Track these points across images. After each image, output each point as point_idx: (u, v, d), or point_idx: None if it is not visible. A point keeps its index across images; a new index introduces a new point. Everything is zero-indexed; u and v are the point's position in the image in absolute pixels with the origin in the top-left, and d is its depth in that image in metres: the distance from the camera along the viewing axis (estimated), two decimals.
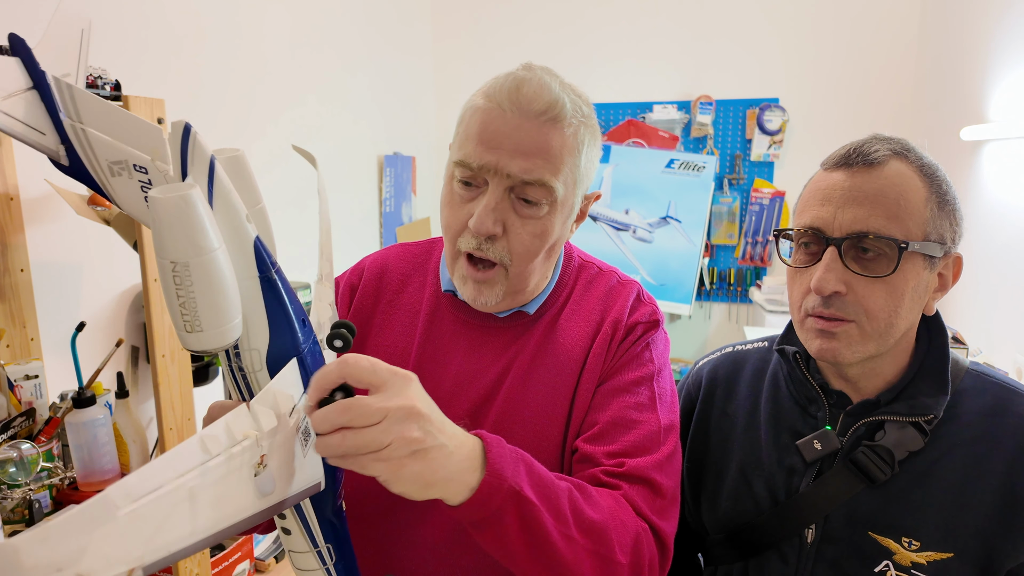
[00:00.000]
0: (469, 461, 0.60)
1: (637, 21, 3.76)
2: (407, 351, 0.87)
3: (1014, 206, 2.36)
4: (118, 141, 0.49)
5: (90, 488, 1.31)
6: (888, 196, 0.78)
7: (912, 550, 0.79)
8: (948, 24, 3.11)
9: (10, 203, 1.42)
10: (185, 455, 0.44)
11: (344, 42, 2.98)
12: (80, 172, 0.50)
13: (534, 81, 0.76)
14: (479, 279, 0.80)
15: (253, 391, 0.57)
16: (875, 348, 0.81)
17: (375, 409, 0.52)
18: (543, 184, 0.76)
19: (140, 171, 0.50)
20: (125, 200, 0.52)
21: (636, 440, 0.77)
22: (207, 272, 0.47)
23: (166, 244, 0.46)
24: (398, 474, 0.55)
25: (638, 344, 0.84)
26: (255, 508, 0.51)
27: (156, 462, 0.42)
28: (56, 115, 0.49)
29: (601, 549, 0.67)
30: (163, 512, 0.41)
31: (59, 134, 0.49)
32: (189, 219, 0.46)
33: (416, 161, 3.73)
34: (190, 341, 0.50)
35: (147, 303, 1.34)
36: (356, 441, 0.52)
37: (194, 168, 0.49)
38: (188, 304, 0.48)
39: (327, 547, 0.63)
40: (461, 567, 0.81)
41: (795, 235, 0.85)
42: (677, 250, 3.10)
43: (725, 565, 0.94)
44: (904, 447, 0.81)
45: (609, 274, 0.91)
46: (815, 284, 0.79)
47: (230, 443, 0.47)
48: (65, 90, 0.49)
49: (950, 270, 0.84)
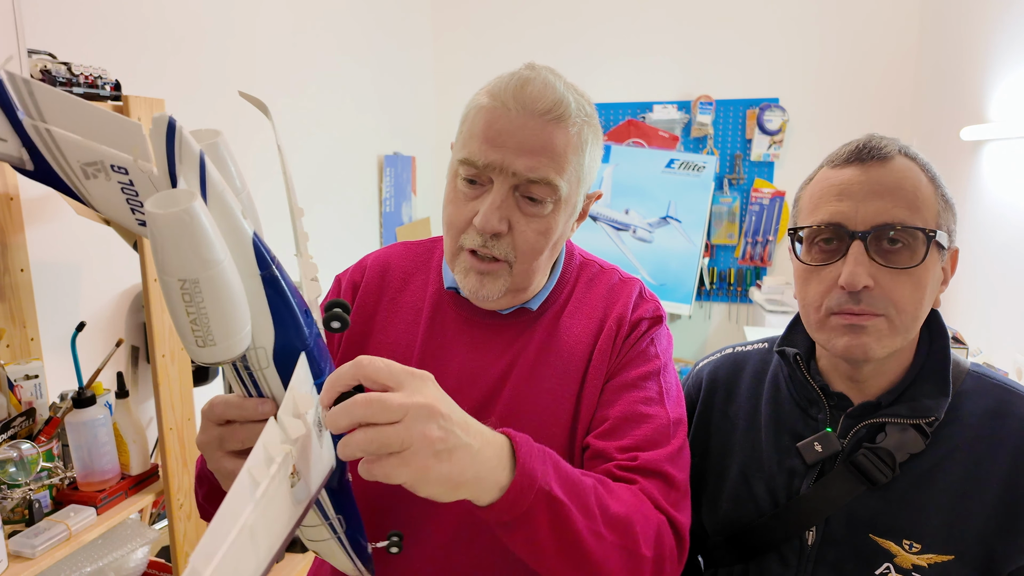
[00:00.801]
0: (497, 460, 0.59)
1: (637, 20, 3.76)
2: (410, 348, 0.87)
3: (1014, 206, 2.36)
4: (90, 140, 0.45)
5: (90, 488, 1.31)
6: (906, 188, 0.78)
7: (913, 552, 0.79)
8: (948, 24, 3.11)
9: (10, 203, 1.41)
10: (240, 495, 0.43)
11: (344, 42, 2.98)
12: (49, 176, 0.45)
13: (538, 80, 0.77)
14: (482, 270, 0.80)
15: (261, 388, 0.56)
16: (901, 341, 0.80)
17: (396, 405, 0.51)
18: (548, 182, 0.77)
19: (119, 171, 0.45)
20: (104, 204, 0.47)
21: (647, 434, 0.78)
22: (217, 286, 0.44)
23: (171, 262, 0.42)
24: (425, 477, 0.53)
25: (643, 340, 0.85)
26: (294, 517, 0.51)
27: (220, 512, 0.41)
28: (13, 115, 0.43)
29: (627, 543, 0.67)
30: (235, 559, 0.41)
31: (20, 137, 0.44)
32: (194, 233, 0.42)
33: (416, 161, 3.72)
34: (203, 355, 0.47)
35: (147, 303, 1.34)
36: (378, 439, 0.51)
37: (183, 167, 0.45)
38: (200, 320, 0.45)
39: (338, 518, 0.63)
40: (467, 563, 0.81)
41: (811, 232, 0.82)
42: (677, 250, 3.10)
43: (725, 567, 0.94)
44: (905, 449, 0.80)
45: (611, 272, 0.92)
46: (846, 280, 0.77)
47: (269, 466, 0.46)
48: (22, 86, 0.43)
49: (949, 264, 0.85)
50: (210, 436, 0.60)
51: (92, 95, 1.23)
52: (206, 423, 0.61)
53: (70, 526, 1.21)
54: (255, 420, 0.58)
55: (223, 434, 0.60)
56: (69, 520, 1.22)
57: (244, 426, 0.59)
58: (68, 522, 1.22)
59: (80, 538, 1.23)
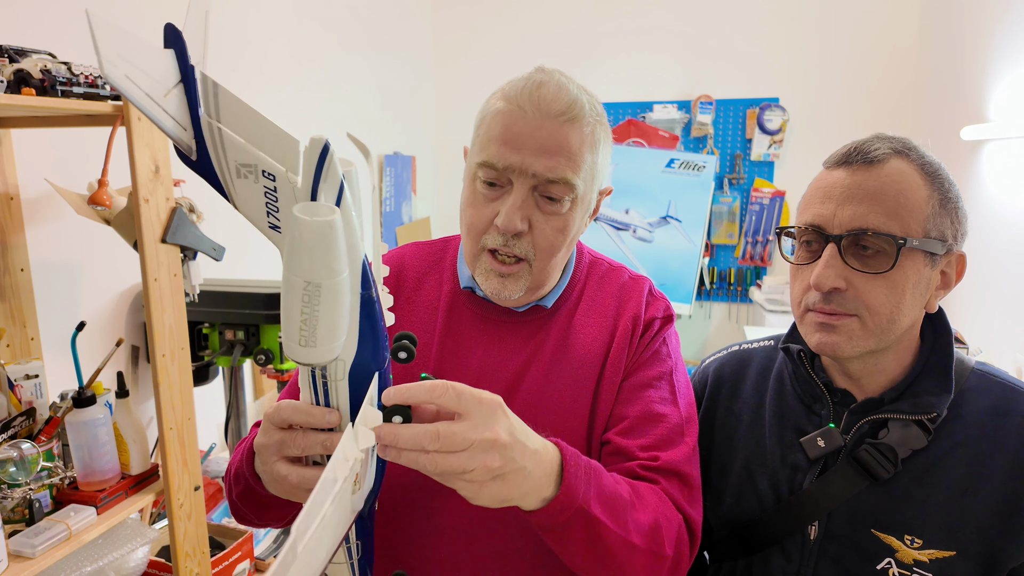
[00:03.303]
0: (546, 477, 0.65)
1: (638, 20, 3.76)
2: (428, 347, 0.89)
3: (1014, 206, 2.36)
4: (252, 145, 0.50)
5: (90, 487, 1.31)
6: (887, 194, 0.79)
7: (914, 548, 0.79)
8: (948, 24, 3.11)
9: (10, 203, 1.41)
10: (325, 487, 0.46)
11: (345, 42, 2.98)
12: (206, 167, 0.50)
13: (552, 83, 0.80)
14: (504, 272, 0.83)
15: (330, 398, 0.59)
16: (876, 343, 0.81)
17: (460, 439, 0.57)
18: (566, 182, 0.80)
19: (268, 177, 0.50)
20: (244, 202, 0.52)
21: (663, 434, 0.82)
22: (334, 294, 0.49)
23: (303, 264, 0.47)
24: (479, 493, 0.60)
25: (656, 340, 0.88)
26: (348, 523, 0.55)
27: (314, 493, 0.44)
28: (196, 110, 0.49)
29: (654, 546, 0.72)
30: (316, 543, 0.45)
31: (194, 129, 0.49)
32: (330, 244, 0.47)
33: (416, 161, 3.72)
34: (301, 354, 0.52)
35: (147, 303, 1.34)
36: (444, 465, 0.57)
37: (325, 187, 0.50)
38: (309, 321, 0.50)
39: (357, 543, 0.66)
40: (486, 553, 0.82)
41: (797, 233, 0.86)
42: (677, 250, 3.10)
43: (729, 562, 0.94)
44: (907, 445, 0.81)
45: (619, 270, 0.94)
46: (814, 280, 0.80)
47: (345, 467, 0.50)
48: (210, 87, 0.48)
49: (953, 268, 0.84)
50: (271, 439, 0.63)
51: (92, 95, 1.23)
52: (268, 426, 0.63)
53: (70, 526, 1.21)
54: (319, 428, 0.60)
55: (284, 439, 0.62)
56: (69, 520, 1.22)
57: (305, 433, 0.61)
58: (68, 522, 1.22)
59: (80, 538, 1.22)
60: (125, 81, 0.43)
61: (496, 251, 0.82)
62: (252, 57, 2.35)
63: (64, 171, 1.54)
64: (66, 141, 1.56)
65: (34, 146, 1.51)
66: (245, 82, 2.31)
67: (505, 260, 0.82)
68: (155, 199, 1.33)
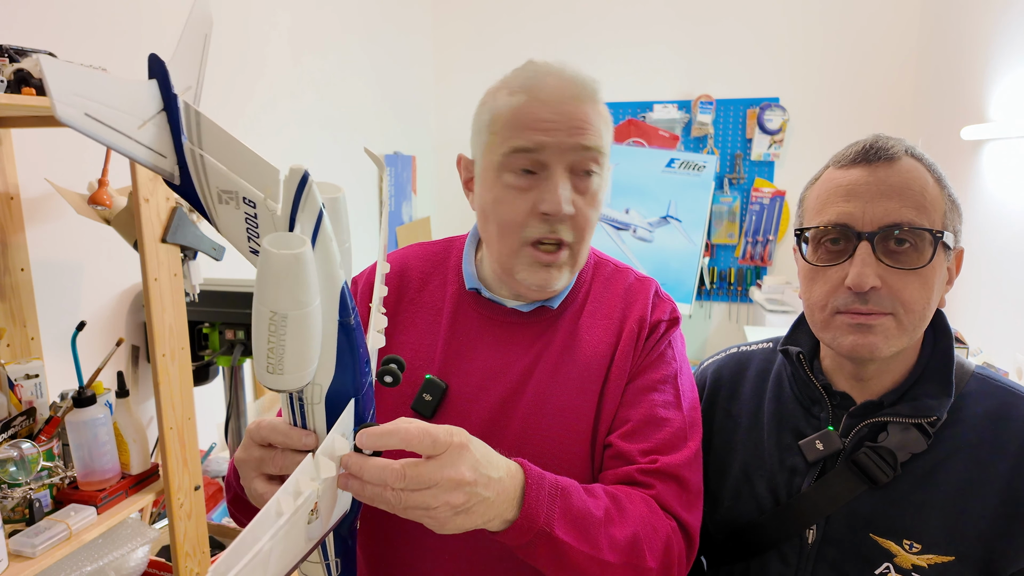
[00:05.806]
0: (509, 502, 0.65)
1: (638, 20, 3.76)
2: (432, 348, 0.88)
3: (1014, 206, 2.36)
4: (233, 172, 0.51)
5: (90, 487, 1.31)
6: (913, 188, 0.78)
7: (913, 552, 0.79)
8: (948, 24, 3.11)
9: (10, 203, 1.41)
10: (264, 522, 0.47)
11: (345, 42, 2.98)
12: (189, 192, 0.51)
13: (554, 67, 0.82)
14: (549, 262, 0.82)
15: (307, 420, 0.60)
16: (907, 341, 0.80)
17: (426, 479, 0.58)
18: (599, 150, 0.81)
19: (248, 204, 0.51)
20: (226, 227, 0.53)
21: (666, 438, 0.81)
22: (301, 325, 0.50)
23: (269, 294, 0.48)
24: (443, 526, 0.61)
25: (661, 343, 0.87)
26: (302, 552, 0.55)
27: (242, 534, 0.45)
28: (179, 137, 0.49)
29: (632, 560, 0.72)
30: None
31: (177, 155, 0.50)
32: (297, 277, 0.48)
33: (416, 160, 3.72)
34: (268, 380, 0.53)
35: (147, 302, 1.34)
36: (407, 502, 0.58)
37: (303, 215, 0.50)
38: (276, 350, 0.50)
39: (336, 561, 0.66)
40: (490, 555, 0.82)
41: (817, 233, 0.82)
42: (677, 249, 3.10)
43: (726, 565, 0.94)
44: (907, 449, 0.80)
45: (626, 272, 0.93)
46: (853, 280, 0.77)
47: (296, 499, 0.51)
48: (192, 116, 0.49)
49: (955, 264, 0.85)
50: (251, 455, 0.64)
51: None
52: (248, 442, 0.64)
53: (70, 525, 1.21)
54: (295, 449, 0.61)
55: (263, 456, 0.63)
56: (69, 519, 1.22)
57: (284, 453, 0.62)
58: (68, 521, 1.22)
59: (80, 537, 1.23)
60: (84, 119, 0.43)
61: (540, 241, 0.81)
62: (251, 58, 2.35)
63: (64, 171, 1.54)
64: (66, 141, 1.56)
65: (34, 146, 1.51)
66: (246, 87, 2.31)
67: (549, 248, 0.81)
68: (155, 199, 1.33)
